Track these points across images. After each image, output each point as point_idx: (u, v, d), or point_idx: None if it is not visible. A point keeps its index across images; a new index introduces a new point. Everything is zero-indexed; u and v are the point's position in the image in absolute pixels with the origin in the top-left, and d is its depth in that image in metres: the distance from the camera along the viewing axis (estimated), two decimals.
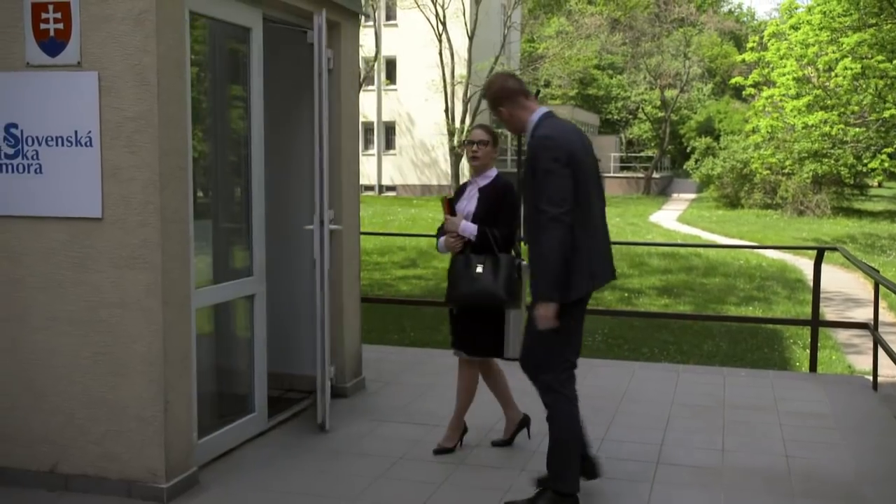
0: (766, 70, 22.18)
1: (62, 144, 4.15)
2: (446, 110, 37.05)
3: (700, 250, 18.51)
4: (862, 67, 18.97)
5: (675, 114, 47.04)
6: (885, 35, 18.94)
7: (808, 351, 7.26)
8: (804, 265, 16.56)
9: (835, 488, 4.47)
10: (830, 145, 22.23)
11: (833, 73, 19.70)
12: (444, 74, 36.72)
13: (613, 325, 10.57)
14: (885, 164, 20.79)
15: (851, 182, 31.99)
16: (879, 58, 18.80)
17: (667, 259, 17.51)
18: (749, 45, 23.72)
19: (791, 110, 20.60)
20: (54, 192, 4.18)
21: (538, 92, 9.54)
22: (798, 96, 20.66)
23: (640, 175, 43.75)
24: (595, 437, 5.19)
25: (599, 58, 45.99)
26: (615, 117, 49.95)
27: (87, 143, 4.11)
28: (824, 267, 7.67)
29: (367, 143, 40.00)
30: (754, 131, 23.66)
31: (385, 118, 40.41)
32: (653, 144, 47.59)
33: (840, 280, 15.14)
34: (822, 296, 7.68)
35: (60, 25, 4.09)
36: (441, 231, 4.88)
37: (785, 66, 20.84)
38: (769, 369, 7.86)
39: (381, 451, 4.94)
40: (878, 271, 6.47)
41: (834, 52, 19.64)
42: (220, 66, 5.18)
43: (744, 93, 25.44)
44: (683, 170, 39.92)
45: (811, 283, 7.27)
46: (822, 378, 6.87)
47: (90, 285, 4.17)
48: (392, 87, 40.10)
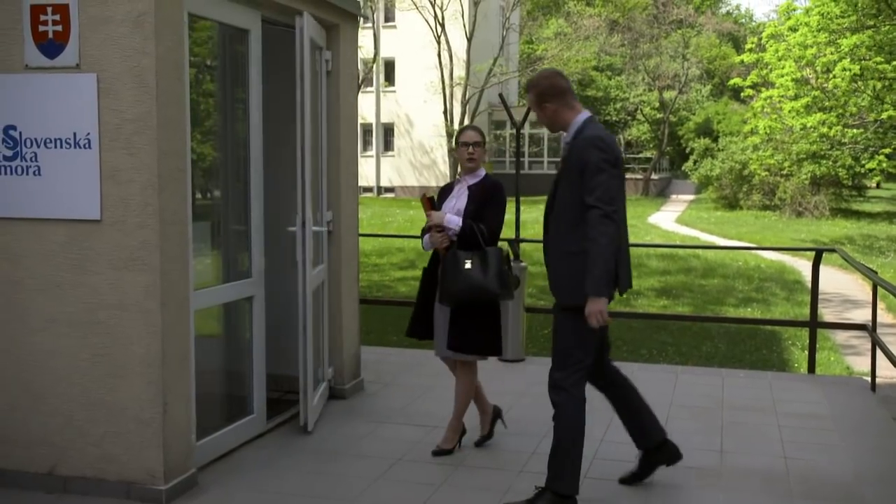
0: (765, 71, 22.19)
1: (61, 146, 4.15)
2: (445, 112, 37.07)
3: (699, 251, 18.52)
4: (860, 69, 18.98)
5: (673, 115, 47.01)
6: (883, 37, 18.95)
7: (807, 352, 7.27)
8: (803, 266, 16.57)
9: (833, 489, 4.47)
10: (829, 146, 22.24)
11: (831, 75, 19.71)
12: (442, 76, 36.73)
13: (612, 326, 10.44)
14: (883, 165, 20.79)
15: (850, 183, 31.96)
16: (878, 59, 18.81)
17: (665, 260, 17.51)
18: (747, 47, 23.72)
19: (789, 111, 20.62)
20: (53, 194, 4.18)
21: None
22: (796, 97, 20.67)
23: (639, 176, 43.72)
24: (593, 438, 5.19)
25: (598, 59, 45.96)
26: (614, 118, 49.90)
27: (86, 145, 4.11)
28: (823, 268, 7.68)
29: (366, 144, 39.97)
30: (753, 132, 23.67)
31: (384, 120, 40.40)
32: (651, 146, 47.56)
33: (838, 281, 15.15)
34: (820, 297, 7.69)
35: (59, 27, 4.09)
36: (425, 231, 4.91)
37: (783, 68, 20.85)
38: (768, 370, 7.87)
39: (380, 452, 4.94)
40: (876, 272, 6.48)
41: (832, 54, 19.65)
42: (218, 67, 5.18)
43: (742, 94, 25.44)
44: (682, 171, 39.93)
45: (809, 285, 7.28)
46: (820, 379, 6.88)
47: (89, 287, 4.17)
48: (391, 88, 40.10)
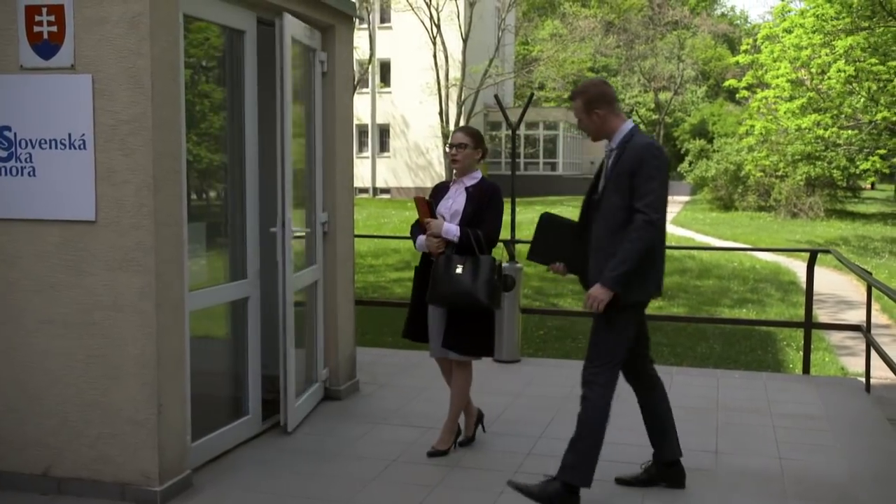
0: (760, 72, 22.24)
1: (56, 147, 4.14)
2: (440, 113, 37.08)
3: (694, 252, 18.53)
4: (855, 70, 19.03)
5: (669, 116, 47.09)
6: (877, 38, 19.01)
7: (802, 353, 7.28)
8: (797, 267, 16.60)
9: (828, 490, 4.48)
10: (823, 148, 22.31)
11: (826, 76, 19.75)
12: (438, 77, 36.73)
13: None
14: (878, 166, 20.85)
15: (844, 184, 32.08)
16: (872, 60, 18.86)
17: None
18: (742, 48, 23.78)
19: (784, 112, 20.66)
20: (48, 195, 4.18)
21: (532, 95, 9.50)
22: (792, 99, 20.72)
23: None
24: None
25: (593, 60, 46.05)
26: None
27: (81, 146, 4.11)
28: (817, 269, 7.69)
29: (362, 145, 39.96)
30: (748, 133, 23.71)
31: (379, 121, 40.39)
32: None
33: (833, 282, 15.18)
34: (815, 298, 7.70)
35: (54, 28, 4.09)
36: (415, 230, 4.91)
37: (778, 69, 20.90)
38: (763, 371, 7.89)
39: (376, 453, 4.94)
40: (870, 273, 6.49)
41: (827, 55, 19.69)
42: (214, 68, 5.17)
43: (737, 95, 25.47)
44: (677, 172, 39.97)
45: (804, 286, 7.30)
46: (815, 380, 6.89)
47: (84, 288, 4.16)
48: (386, 89, 40.09)
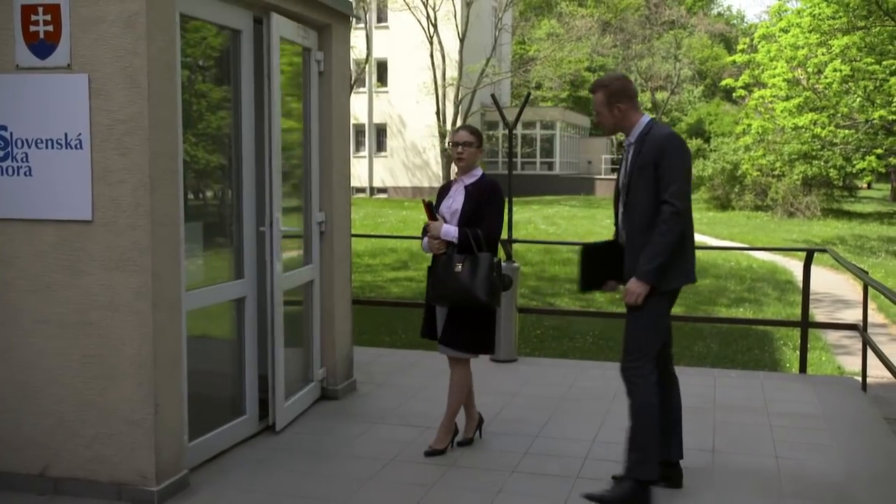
0: (757, 72, 22.27)
1: (52, 147, 4.13)
2: (437, 112, 37.08)
3: None
4: (851, 69, 19.06)
5: (665, 116, 47.16)
6: (873, 38, 19.03)
7: (798, 352, 7.29)
8: (794, 267, 16.61)
9: (825, 489, 4.49)
10: (820, 147, 22.33)
11: (823, 76, 19.78)
12: (435, 77, 36.74)
13: (605, 326, 10.58)
14: (874, 166, 20.88)
15: (841, 184, 32.11)
16: (868, 60, 18.88)
17: None
18: (739, 48, 23.80)
19: (781, 111, 20.69)
20: (44, 195, 4.17)
21: (529, 94, 9.50)
22: (788, 98, 20.75)
23: None
24: (585, 438, 5.20)
25: (590, 60, 46.07)
26: None
27: (77, 146, 4.10)
28: (814, 268, 7.70)
29: (359, 144, 39.97)
30: (745, 132, 23.74)
31: (376, 120, 40.39)
32: None
33: (830, 281, 15.20)
34: (811, 297, 7.72)
35: (50, 27, 4.08)
36: (425, 232, 4.95)
37: (775, 68, 20.92)
38: (759, 370, 7.89)
39: (373, 453, 4.94)
40: (867, 273, 6.50)
41: (823, 55, 19.72)
42: (211, 68, 5.17)
43: (734, 95, 25.52)
44: None
45: (801, 285, 7.30)
46: (811, 379, 6.90)
47: (80, 288, 4.15)
48: (383, 89, 40.09)
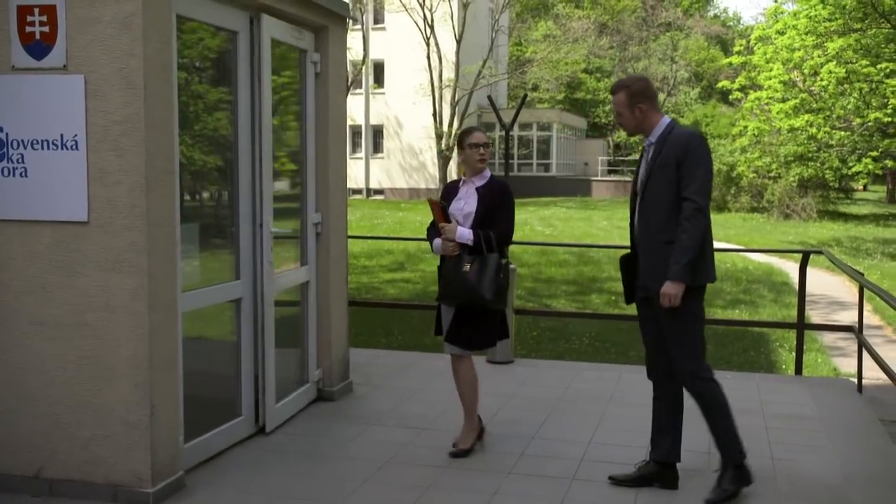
0: (753, 74, 22.32)
1: (48, 148, 4.13)
2: (434, 114, 37.08)
3: None
4: (846, 72, 19.10)
5: None
6: (869, 40, 19.09)
7: (794, 354, 7.30)
8: (790, 268, 16.63)
9: (820, 490, 4.49)
10: (816, 149, 22.37)
11: (818, 78, 19.82)
12: (431, 78, 36.74)
13: (601, 328, 10.59)
14: (870, 168, 20.93)
15: (837, 186, 32.19)
16: (863, 62, 18.94)
17: None
18: (735, 49, 23.86)
19: (777, 113, 20.73)
20: (40, 196, 4.16)
21: (525, 96, 9.52)
22: (784, 100, 20.79)
23: (628, 178, 43.85)
24: (582, 440, 5.20)
25: (587, 62, 46.11)
26: (603, 121, 50.02)
27: (73, 147, 4.10)
28: (810, 270, 7.71)
29: (355, 146, 39.95)
30: (741, 134, 23.79)
31: (373, 121, 40.38)
32: (640, 148, 47.77)
33: (825, 283, 15.22)
34: (807, 299, 7.73)
35: (46, 28, 4.07)
36: (432, 232, 4.95)
37: (771, 70, 20.97)
38: (755, 372, 7.90)
39: (369, 454, 4.94)
40: (862, 274, 6.51)
41: (819, 57, 19.77)
42: (207, 69, 5.16)
43: (730, 96, 25.58)
44: None
45: (797, 287, 7.31)
46: (807, 381, 6.91)
47: (76, 289, 4.15)
48: (380, 90, 40.08)
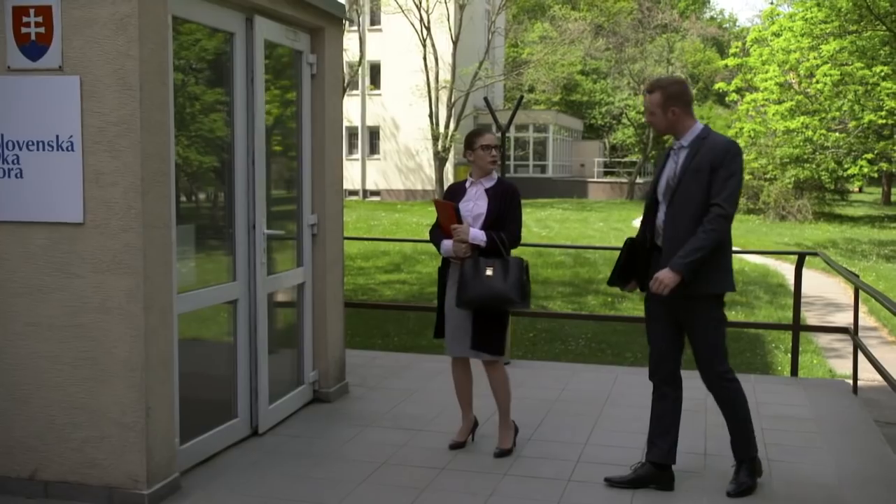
0: (749, 75, 22.36)
1: (43, 149, 4.12)
2: (430, 115, 37.08)
3: None
4: (841, 74, 19.15)
5: None
6: (864, 42, 19.14)
7: (790, 355, 7.31)
8: (786, 270, 16.67)
9: (816, 491, 4.50)
10: (812, 150, 22.43)
11: (814, 80, 19.87)
12: (428, 79, 36.72)
13: (597, 329, 10.60)
14: (865, 170, 20.98)
15: (832, 187, 32.27)
16: (858, 65, 18.98)
17: None
18: (731, 51, 23.93)
19: (773, 115, 20.77)
20: (35, 197, 4.15)
21: (521, 97, 9.52)
22: (780, 102, 20.84)
23: (624, 180, 43.95)
24: (577, 441, 5.21)
25: (583, 63, 46.14)
26: (599, 122, 50.07)
27: (69, 148, 4.09)
28: (806, 272, 7.72)
29: (351, 147, 39.93)
30: (737, 136, 23.82)
31: (369, 123, 40.37)
32: (636, 149, 47.73)
33: (821, 285, 15.25)
34: (803, 300, 7.73)
35: (42, 29, 4.07)
36: (437, 234, 4.91)
37: (767, 72, 21.02)
38: (751, 373, 7.90)
39: (365, 456, 4.93)
40: (858, 276, 6.52)
41: (815, 59, 19.82)
42: (203, 70, 5.16)
43: (727, 98, 25.61)
44: None
45: (793, 288, 7.32)
46: (803, 382, 6.92)
47: (71, 290, 4.14)
48: (376, 91, 40.07)
